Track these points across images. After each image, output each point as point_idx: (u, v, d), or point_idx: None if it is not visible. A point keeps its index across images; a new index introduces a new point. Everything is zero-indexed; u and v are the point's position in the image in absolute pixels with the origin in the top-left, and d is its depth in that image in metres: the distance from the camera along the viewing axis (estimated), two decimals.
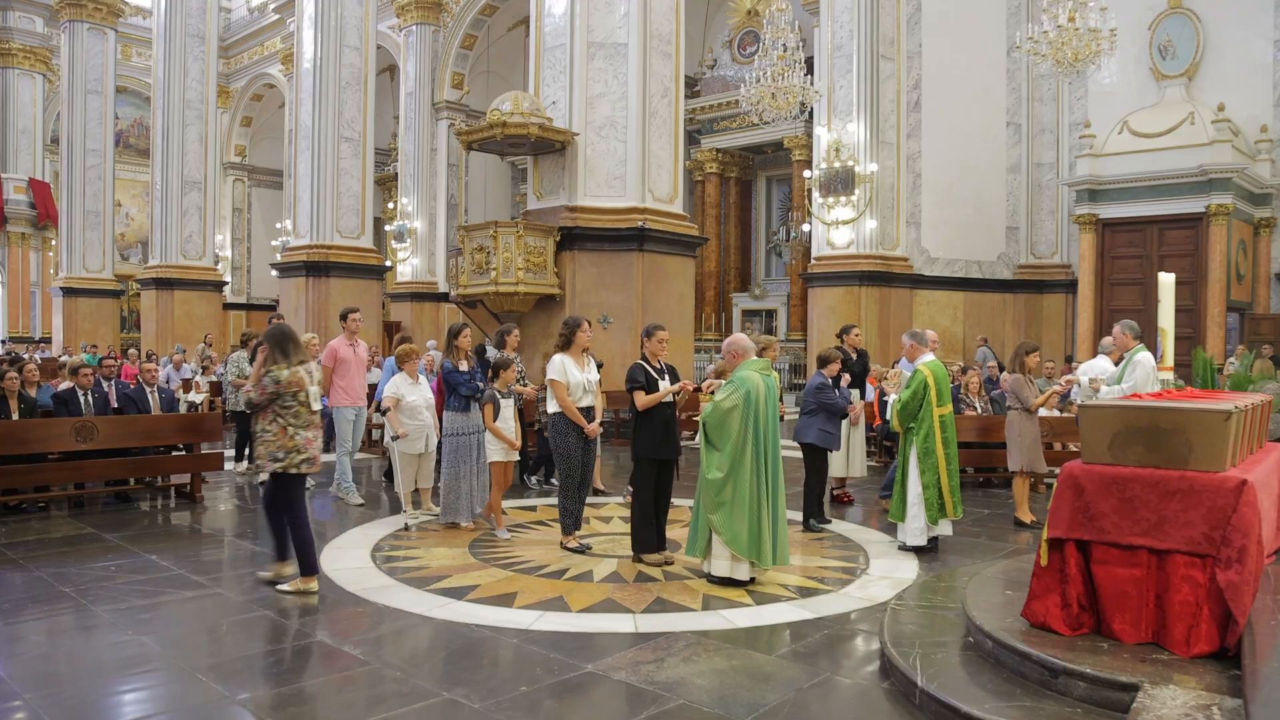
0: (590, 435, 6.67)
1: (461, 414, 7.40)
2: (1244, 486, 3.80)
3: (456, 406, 7.39)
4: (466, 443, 7.39)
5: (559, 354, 6.76)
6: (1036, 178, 17.89)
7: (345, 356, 8.77)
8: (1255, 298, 15.89)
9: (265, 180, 32.46)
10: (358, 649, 4.63)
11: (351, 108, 18.18)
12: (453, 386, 7.38)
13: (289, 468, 5.59)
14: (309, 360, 5.79)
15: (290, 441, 5.59)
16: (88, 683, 4.21)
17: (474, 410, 7.40)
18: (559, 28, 12.71)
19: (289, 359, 5.62)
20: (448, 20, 23.66)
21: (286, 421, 5.58)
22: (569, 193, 12.55)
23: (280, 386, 5.54)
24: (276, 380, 5.54)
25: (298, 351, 5.68)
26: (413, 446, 7.84)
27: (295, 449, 5.59)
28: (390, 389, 7.83)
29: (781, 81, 14.48)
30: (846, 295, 16.65)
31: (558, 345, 6.86)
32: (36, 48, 29.75)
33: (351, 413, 8.87)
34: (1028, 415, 7.77)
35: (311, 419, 5.69)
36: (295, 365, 5.63)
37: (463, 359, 7.55)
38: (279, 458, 5.57)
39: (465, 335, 7.68)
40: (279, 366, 5.59)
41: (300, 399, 5.61)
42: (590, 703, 4.05)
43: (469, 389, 7.37)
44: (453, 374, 7.39)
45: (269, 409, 5.57)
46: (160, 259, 23.84)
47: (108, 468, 8.36)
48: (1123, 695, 3.53)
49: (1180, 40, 16.24)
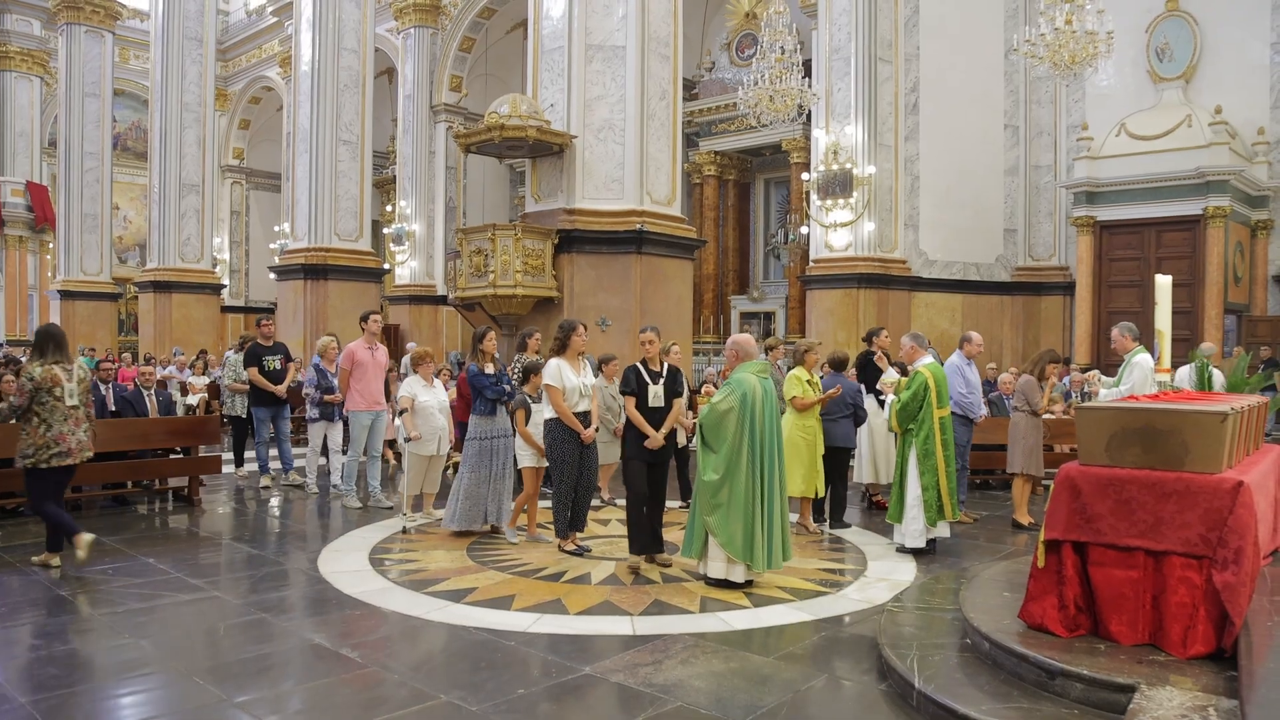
0: (586, 440, 6.64)
1: (487, 418, 7.23)
2: (1240, 488, 3.81)
3: (482, 411, 7.23)
4: (490, 447, 7.20)
5: (554, 358, 6.67)
6: (1034, 180, 17.91)
7: (363, 360, 8.64)
8: (1253, 300, 15.90)
9: (263, 183, 32.44)
10: (356, 652, 4.63)
11: (349, 110, 18.17)
12: (478, 390, 7.21)
13: (38, 463, 5.91)
14: (70, 361, 6.17)
15: (42, 438, 5.90)
16: (85, 686, 4.20)
17: (500, 415, 7.24)
18: (557, 30, 12.71)
19: (45, 357, 6.00)
20: (446, 23, 23.67)
21: (43, 417, 5.90)
22: (567, 195, 12.55)
23: (35, 383, 5.86)
24: (31, 378, 5.88)
25: (56, 351, 6.07)
26: (424, 448, 7.73)
27: (47, 444, 5.91)
28: (405, 390, 7.74)
29: (779, 84, 14.49)
30: (845, 298, 16.66)
31: (553, 349, 6.76)
32: (34, 50, 29.74)
33: (367, 417, 8.69)
34: (1033, 418, 7.78)
35: (71, 413, 6.02)
36: (51, 364, 5.96)
37: (488, 362, 7.37)
38: (28, 454, 5.90)
39: (490, 338, 7.48)
40: (34, 364, 5.95)
41: (56, 394, 5.94)
42: (588, 705, 4.05)
43: (494, 393, 7.21)
44: (478, 377, 7.21)
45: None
46: (158, 262, 23.81)
47: (104, 471, 8.34)
48: (1119, 696, 3.53)
49: (1177, 43, 16.27)
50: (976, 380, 7.62)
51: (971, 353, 7.67)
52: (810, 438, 7.40)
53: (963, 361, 7.66)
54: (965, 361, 7.68)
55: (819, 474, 7.44)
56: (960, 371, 7.59)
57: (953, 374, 7.50)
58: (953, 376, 7.47)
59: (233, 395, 10.38)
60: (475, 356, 7.41)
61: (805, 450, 7.36)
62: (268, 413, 9.71)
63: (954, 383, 7.45)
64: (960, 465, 7.63)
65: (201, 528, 7.85)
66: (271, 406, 9.68)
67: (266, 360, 9.69)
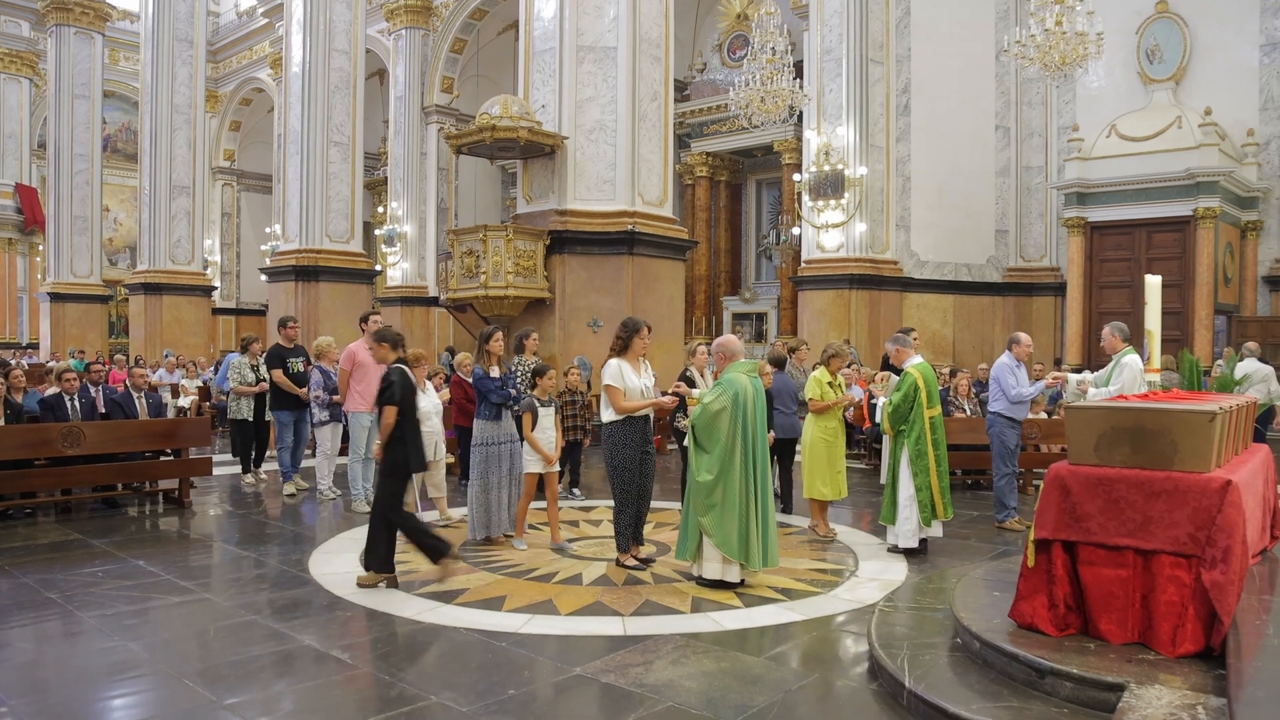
0: (663, 410, 6.31)
1: (493, 422, 7.00)
2: (1229, 487, 3.82)
3: (487, 415, 7.00)
4: (497, 452, 6.99)
5: (615, 358, 6.19)
6: (1025, 181, 17.99)
7: (364, 361, 8.35)
8: (1242, 300, 15.98)
9: (254, 185, 32.37)
10: (346, 653, 4.62)
11: (341, 112, 18.15)
12: (484, 394, 6.99)
13: None
14: None
15: None
16: (75, 689, 4.18)
17: (505, 419, 7.05)
18: (548, 31, 12.71)
19: None
20: (437, 24, 23.66)
21: None
22: (558, 196, 12.56)
23: None
24: None
25: None
26: None
27: None
28: None
29: (771, 85, 14.53)
30: (836, 298, 16.70)
31: (614, 349, 6.27)
32: (23, 52, 29.62)
33: (367, 418, 8.42)
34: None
35: None
36: None
37: (494, 364, 7.16)
38: None
39: (497, 339, 7.27)
40: None
41: None
42: (578, 705, 4.05)
43: (500, 396, 6.99)
44: (484, 380, 6.99)
45: None
46: (149, 264, 23.74)
47: (95, 473, 8.31)
48: (1109, 695, 3.54)
49: (1167, 44, 16.35)
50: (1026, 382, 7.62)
51: (1021, 355, 7.63)
52: (831, 439, 7.41)
53: (1012, 363, 7.64)
54: (1015, 363, 7.65)
55: (841, 474, 7.47)
56: (1011, 373, 7.60)
57: (1004, 375, 7.56)
58: (1004, 377, 7.55)
59: (238, 398, 9.85)
60: (481, 358, 7.18)
61: (826, 452, 7.36)
62: (291, 416, 9.36)
63: (1005, 384, 7.52)
64: (1010, 470, 7.62)
65: (192, 530, 7.82)
66: (295, 410, 9.33)
67: (290, 362, 9.31)
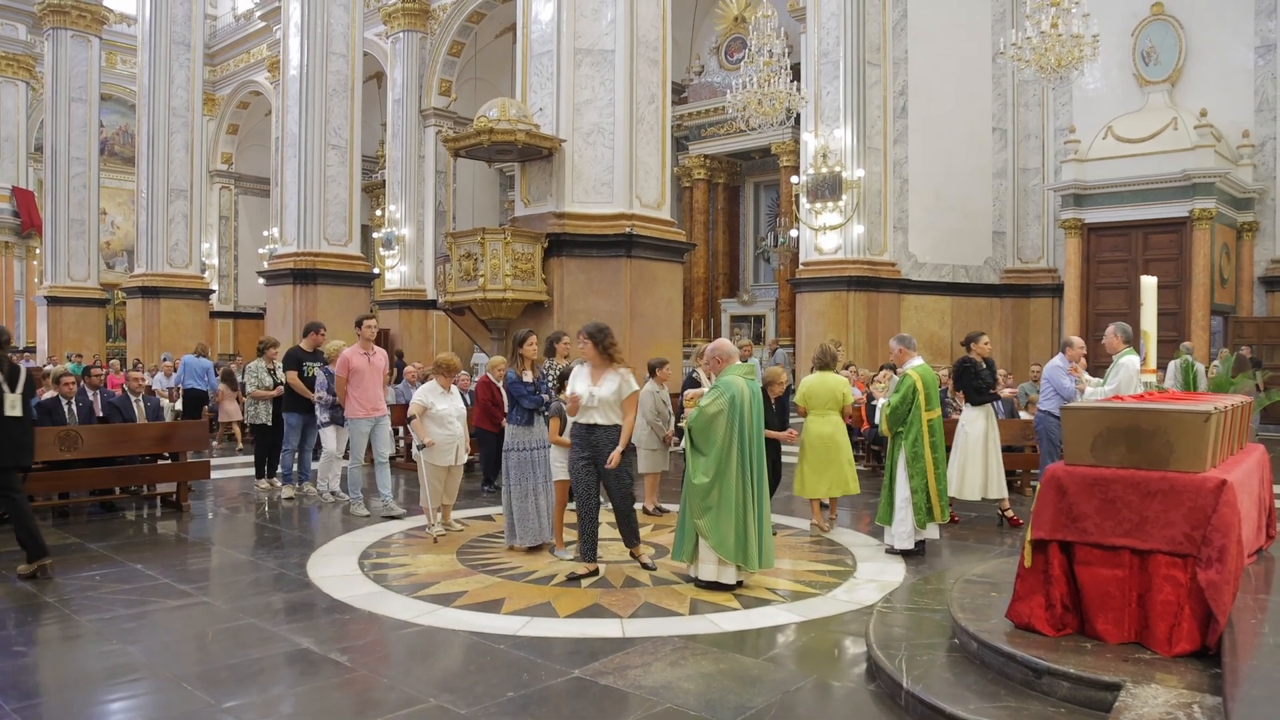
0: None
1: (525, 428, 6.87)
2: (1224, 487, 3.84)
3: (519, 420, 6.87)
4: (530, 458, 6.86)
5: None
6: (1022, 183, 18.02)
7: (359, 366, 8.31)
8: (1239, 301, 16.02)
9: (252, 188, 32.35)
10: (345, 656, 4.62)
11: (338, 115, 18.14)
12: (515, 398, 6.87)
13: None
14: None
15: None
16: (73, 693, 4.19)
17: (538, 424, 6.93)
18: (545, 34, 12.72)
19: None
20: (435, 27, 23.67)
21: None
22: (556, 199, 12.55)
23: None
24: None
25: None
26: (441, 458, 7.35)
27: None
28: (419, 396, 7.46)
29: (768, 87, 14.55)
30: (834, 300, 16.72)
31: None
32: (19, 55, 29.59)
33: (366, 424, 8.40)
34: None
35: None
36: None
37: (527, 368, 6.97)
38: None
39: (531, 342, 7.04)
40: None
41: None
42: (577, 707, 4.05)
43: (532, 401, 6.85)
44: (516, 384, 6.85)
45: None
46: (146, 267, 23.70)
47: (92, 477, 8.32)
48: (1105, 694, 3.56)
49: (1163, 46, 16.39)
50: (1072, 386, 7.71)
51: (1074, 357, 7.71)
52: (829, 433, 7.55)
53: (1065, 364, 7.77)
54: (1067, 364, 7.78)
55: (851, 466, 7.60)
56: (1065, 374, 7.76)
57: (1058, 376, 7.74)
58: (1059, 379, 7.72)
59: (255, 403, 9.84)
60: (514, 362, 6.97)
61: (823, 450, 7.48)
62: (300, 419, 9.30)
63: (1060, 384, 7.69)
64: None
65: (190, 533, 7.82)
66: (306, 414, 9.27)
67: (306, 366, 9.26)
